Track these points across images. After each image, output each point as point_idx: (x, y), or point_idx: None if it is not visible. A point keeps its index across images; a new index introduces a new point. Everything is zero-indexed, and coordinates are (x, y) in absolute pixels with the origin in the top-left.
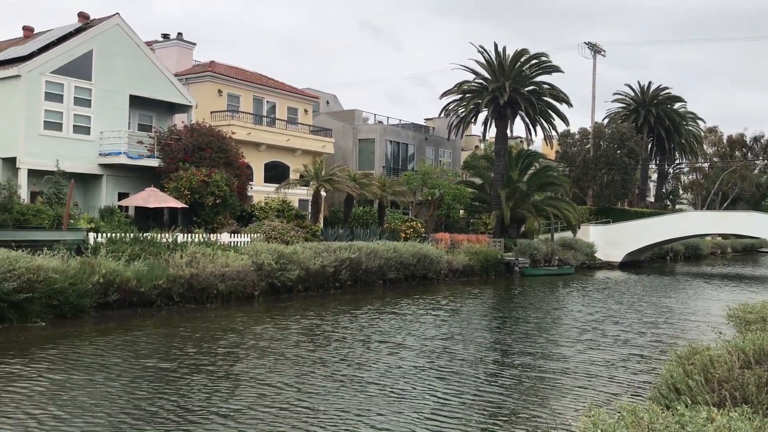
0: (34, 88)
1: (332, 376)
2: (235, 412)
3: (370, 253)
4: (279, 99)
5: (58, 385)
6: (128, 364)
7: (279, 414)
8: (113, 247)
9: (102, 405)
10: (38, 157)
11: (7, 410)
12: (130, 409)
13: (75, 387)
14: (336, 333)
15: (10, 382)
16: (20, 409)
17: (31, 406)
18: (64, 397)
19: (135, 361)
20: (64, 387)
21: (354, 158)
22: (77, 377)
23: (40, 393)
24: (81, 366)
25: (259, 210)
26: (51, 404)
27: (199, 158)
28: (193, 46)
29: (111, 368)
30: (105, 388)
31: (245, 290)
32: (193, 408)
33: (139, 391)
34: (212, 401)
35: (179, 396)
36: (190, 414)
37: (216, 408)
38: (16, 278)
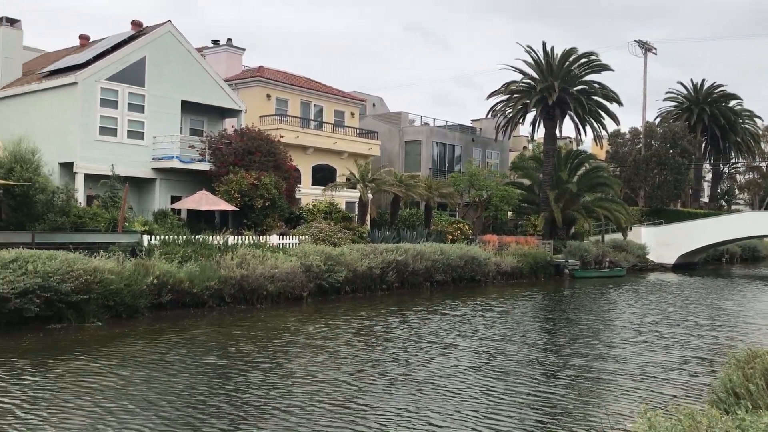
0: (90, 95)
1: (386, 375)
2: (294, 407)
3: (416, 255)
4: (326, 102)
5: (125, 380)
6: (187, 361)
7: (336, 411)
8: (166, 249)
9: (167, 399)
10: (94, 161)
11: (82, 403)
12: (194, 403)
13: (140, 382)
14: (387, 333)
15: (80, 378)
16: (93, 403)
17: (103, 399)
18: (131, 391)
19: (193, 358)
20: (130, 382)
21: (400, 160)
22: (141, 373)
23: (108, 388)
24: (142, 363)
25: (307, 212)
26: (121, 398)
27: (248, 162)
28: (242, 51)
29: (171, 365)
30: (168, 384)
31: (294, 291)
32: (254, 403)
33: (201, 387)
34: (271, 397)
35: (239, 391)
36: (252, 408)
37: (276, 403)
38: (74, 279)
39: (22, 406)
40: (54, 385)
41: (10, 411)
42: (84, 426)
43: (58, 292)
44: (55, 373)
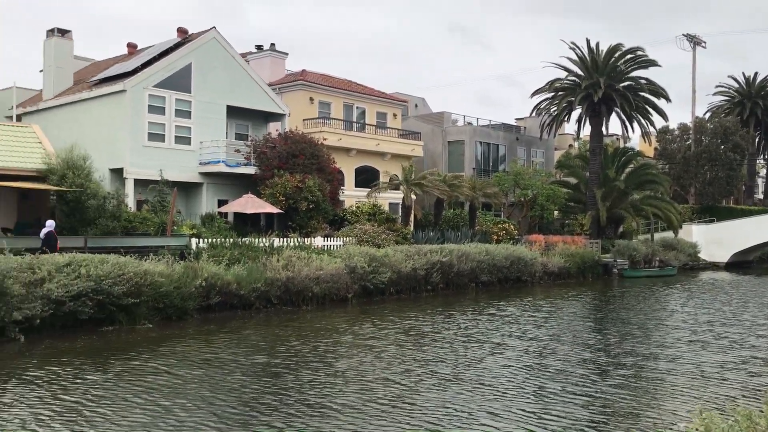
0: (139, 102)
1: (436, 374)
2: (346, 406)
3: (461, 255)
4: (368, 104)
5: (181, 379)
6: (239, 360)
7: (387, 409)
8: (214, 251)
9: (222, 397)
10: (143, 167)
11: (141, 401)
12: (248, 401)
13: (195, 381)
14: (435, 333)
15: (138, 377)
16: (152, 401)
17: (160, 397)
18: (188, 389)
19: (245, 357)
20: (186, 381)
21: (443, 160)
22: (196, 372)
23: (165, 386)
24: (196, 362)
25: (351, 214)
26: (178, 396)
27: (292, 165)
28: (285, 55)
29: (224, 364)
30: (222, 382)
31: (339, 293)
32: (306, 401)
33: (253, 385)
34: (323, 395)
35: (291, 390)
36: (304, 407)
37: (327, 401)
38: (125, 282)
39: (86, 404)
40: (113, 384)
41: (76, 409)
42: (145, 423)
43: (110, 294)
44: (113, 373)
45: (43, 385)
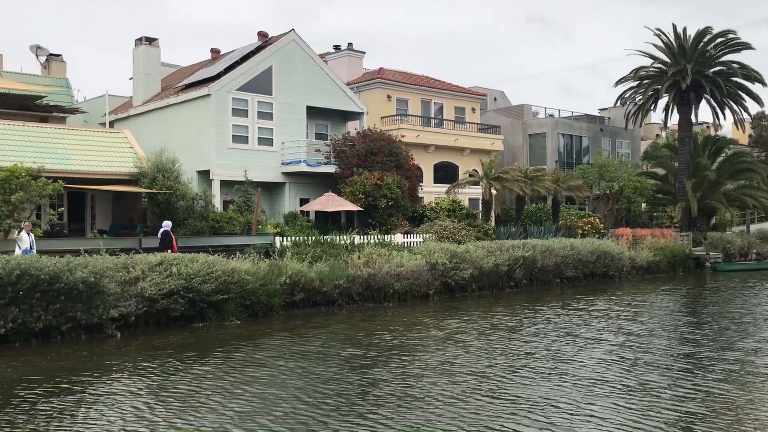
0: (223, 106)
1: (531, 368)
2: (442, 397)
3: (545, 250)
4: (446, 99)
5: (278, 370)
6: (330, 353)
7: (488, 401)
8: (297, 249)
9: (321, 388)
10: (228, 168)
11: (246, 392)
12: (345, 393)
13: (292, 372)
14: (524, 328)
15: (239, 369)
16: (258, 392)
17: (264, 388)
18: (288, 380)
19: (335, 351)
20: (284, 372)
21: (524, 154)
22: (291, 365)
23: (266, 378)
24: (290, 356)
25: (430, 210)
26: (280, 387)
27: (371, 163)
28: (362, 54)
29: (318, 357)
30: (318, 374)
31: (420, 289)
32: (397, 393)
33: (349, 376)
34: (417, 387)
35: (386, 381)
36: (396, 398)
37: (422, 393)
38: (214, 280)
39: (194, 395)
40: (214, 376)
41: (184, 399)
42: (253, 412)
43: (200, 292)
44: (213, 365)
45: (148, 377)
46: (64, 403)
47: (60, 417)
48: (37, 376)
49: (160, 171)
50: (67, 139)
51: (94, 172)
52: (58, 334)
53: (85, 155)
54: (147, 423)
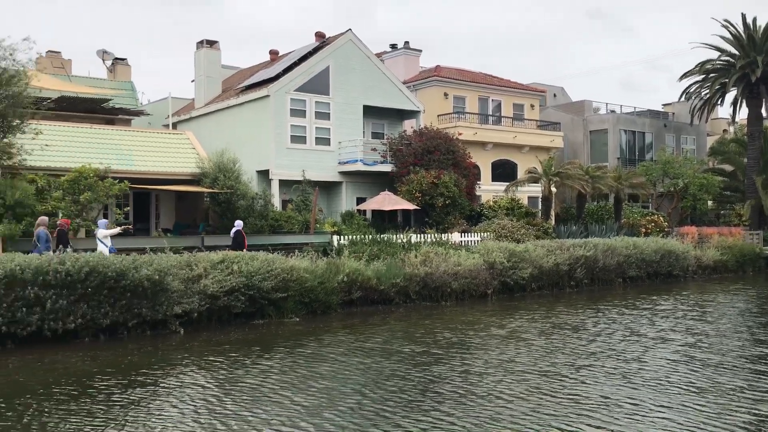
0: (281, 106)
1: (597, 367)
2: (506, 395)
3: (607, 249)
4: (504, 96)
5: (342, 365)
6: (392, 350)
7: (548, 401)
8: (354, 248)
9: (384, 383)
10: (287, 168)
11: (318, 385)
12: (408, 389)
13: (357, 367)
14: (587, 327)
15: (308, 363)
16: (325, 387)
17: (330, 383)
18: (353, 375)
19: (397, 347)
20: (348, 367)
21: (585, 151)
22: (353, 360)
23: (331, 372)
24: (352, 351)
25: (488, 209)
26: (345, 381)
27: (428, 161)
28: (419, 53)
29: (380, 353)
30: (382, 369)
31: (478, 288)
32: (459, 390)
33: (412, 372)
34: (480, 385)
35: (450, 378)
36: (461, 397)
37: (484, 391)
38: (274, 278)
39: (263, 388)
40: (278, 371)
41: (255, 391)
42: (320, 404)
43: (260, 289)
44: (278, 360)
45: (215, 371)
46: (137, 395)
47: (135, 407)
48: (108, 369)
49: (222, 171)
50: (132, 141)
51: (158, 173)
52: (124, 329)
53: (150, 156)
54: (218, 415)
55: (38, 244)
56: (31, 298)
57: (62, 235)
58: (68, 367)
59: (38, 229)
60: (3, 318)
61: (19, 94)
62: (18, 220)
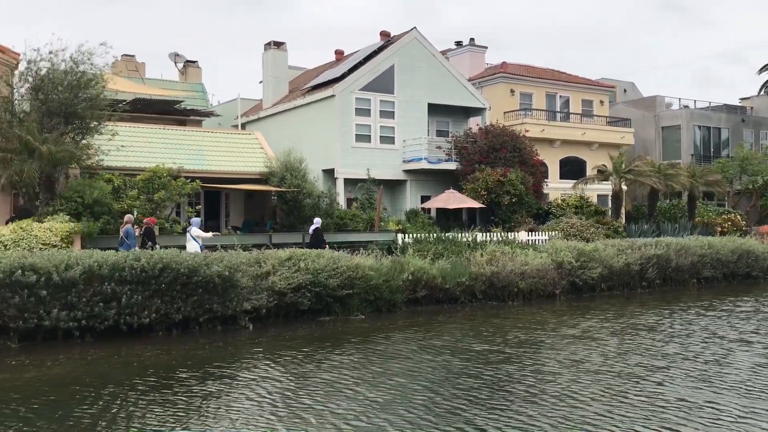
0: (346, 106)
1: (671, 368)
2: (585, 397)
3: (680, 249)
4: (572, 92)
5: (415, 362)
6: (461, 349)
7: (623, 401)
8: (419, 246)
9: (457, 380)
10: (352, 167)
11: (391, 381)
12: (481, 386)
13: (431, 365)
14: (663, 329)
15: (379, 359)
16: (399, 384)
17: (405, 379)
18: (429, 373)
19: (466, 347)
20: (422, 364)
21: (657, 148)
22: (426, 358)
23: (406, 369)
24: (425, 349)
25: (556, 207)
26: (419, 378)
27: (494, 159)
28: (484, 50)
29: (453, 352)
30: (453, 368)
31: (546, 288)
32: (532, 390)
33: (486, 372)
34: (554, 384)
35: (525, 378)
36: (534, 396)
37: (558, 391)
38: (339, 276)
39: (339, 383)
40: (349, 367)
41: (333, 384)
42: (393, 399)
43: (326, 287)
44: (349, 355)
45: (288, 365)
46: (216, 387)
47: (215, 399)
48: (186, 362)
49: (289, 170)
50: (203, 141)
51: (228, 172)
52: (196, 324)
53: (220, 156)
54: (295, 408)
55: (126, 240)
56: (109, 294)
57: (149, 232)
58: (144, 359)
59: (126, 227)
60: (82, 312)
61: (97, 96)
62: (96, 218)
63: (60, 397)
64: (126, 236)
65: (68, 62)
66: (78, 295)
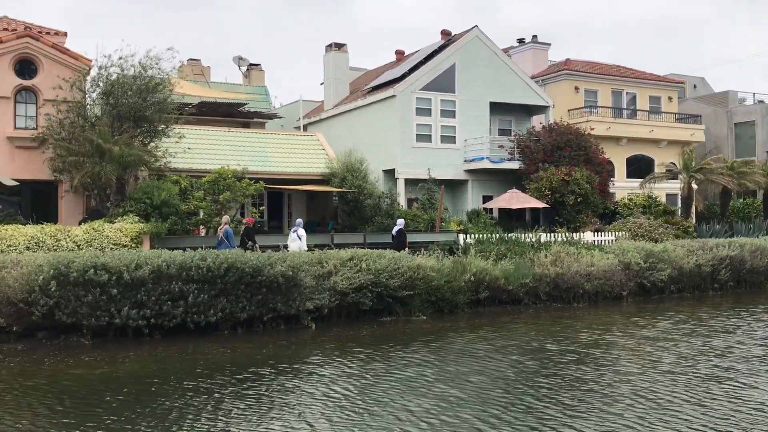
0: (407, 106)
1: (750, 372)
2: (656, 396)
3: (755, 250)
4: (639, 89)
5: (489, 362)
6: (533, 349)
7: (727, 405)
8: (481, 247)
9: (533, 379)
10: (412, 167)
11: (478, 380)
12: (558, 386)
13: (504, 365)
14: (740, 333)
15: (457, 358)
16: (474, 379)
17: (479, 376)
18: (502, 370)
19: (537, 347)
20: (497, 365)
21: (729, 145)
22: (494, 356)
23: (480, 369)
24: (496, 349)
25: (623, 207)
26: (498, 379)
27: (558, 158)
28: (547, 46)
29: (528, 352)
30: (527, 367)
31: (612, 290)
32: (602, 390)
33: (564, 372)
34: (629, 385)
35: (599, 381)
36: (600, 395)
37: (649, 393)
38: (400, 276)
39: (417, 381)
40: (417, 367)
41: (407, 382)
42: (469, 397)
43: (387, 287)
44: (419, 355)
45: (358, 363)
46: (293, 383)
47: (293, 393)
48: (251, 360)
49: (350, 171)
50: (266, 143)
51: (290, 173)
52: (260, 323)
53: (283, 157)
54: (371, 402)
55: (225, 240)
56: (176, 293)
57: (248, 232)
58: (210, 357)
59: (225, 227)
60: (151, 311)
61: (164, 100)
62: (164, 219)
63: (133, 391)
64: (226, 237)
65: (137, 67)
66: (147, 293)
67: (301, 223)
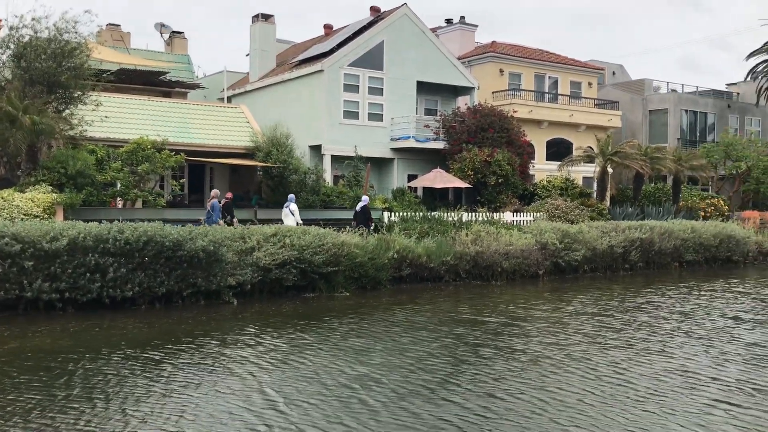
0: (335, 81)
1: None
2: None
3: (663, 233)
4: (561, 74)
5: (397, 340)
6: (470, 322)
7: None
8: (405, 225)
9: (440, 354)
10: (339, 143)
11: (389, 360)
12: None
13: (416, 341)
14: (657, 311)
15: (395, 331)
16: (392, 356)
17: (407, 355)
18: (413, 349)
19: (450, 325)
20: (436, 335)
21: (644, 131)
22: (444, 330)
23: (424, 340)
24: (403, 327)
25: (542, 188)
26: (398, 354)
27: (481, 139)
28: (474, 28)
29: (431, 331)
30: (429, 345)
31: (529, 269)
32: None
33: (461, 347)
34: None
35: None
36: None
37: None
38: (325, 252)
39: (345, 360)
40: (353, 340)
41: (334, 363)
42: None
43: (311, 263)
44: (340, 334)
45: (276, 338)
46: (210, 354)
47: (208, 372)
48: (170, 334)
49: (275, 145)
50: (188, 114)
51: (213, 146)
52: (179, 298)
53: (205, 129)
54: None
55: (212, 213)
56: (92, 266)
57: (228, 206)
58: (126, 332)
59: (212, 201)
60: (65, 284)
61: (81, 66)
62: (78, 190)
63: (41, 366)
64: (212, 209)
65: (52, 30)
66: (62, 266)
67: (294, 198)
